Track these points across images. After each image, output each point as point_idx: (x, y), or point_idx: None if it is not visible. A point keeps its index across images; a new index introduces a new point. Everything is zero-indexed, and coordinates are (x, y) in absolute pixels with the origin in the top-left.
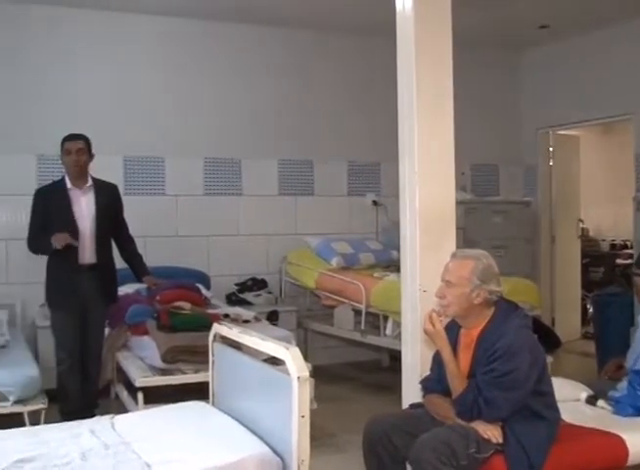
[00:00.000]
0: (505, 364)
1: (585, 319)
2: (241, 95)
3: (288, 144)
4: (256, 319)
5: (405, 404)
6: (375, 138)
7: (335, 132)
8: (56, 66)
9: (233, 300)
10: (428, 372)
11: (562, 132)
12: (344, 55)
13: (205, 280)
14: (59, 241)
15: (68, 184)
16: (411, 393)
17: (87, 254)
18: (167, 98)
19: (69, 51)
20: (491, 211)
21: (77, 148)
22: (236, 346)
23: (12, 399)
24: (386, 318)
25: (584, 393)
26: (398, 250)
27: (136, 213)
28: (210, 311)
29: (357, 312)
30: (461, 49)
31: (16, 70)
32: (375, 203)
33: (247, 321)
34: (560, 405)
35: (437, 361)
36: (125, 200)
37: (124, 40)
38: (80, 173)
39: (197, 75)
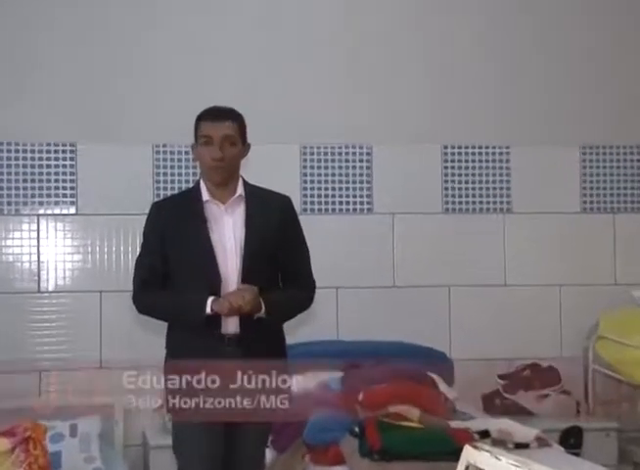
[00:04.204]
0: None
1: None
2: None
3: (594, 121)
4: (541, 442)
5: None
6: None
7: None
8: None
9: (496, 404)
10: None
11: None
12: None
13: (443, 366)
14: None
15: (205, 195)
16: None
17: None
18: (365, 54)
19: None
20: None
21: (223, 134)
22: None
23: None
24: None
25: None
26: None
27: (320, 246)
28: (455, 425)
29: None
30: None
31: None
32: None
33: (523, 446)
34: None
35: None
36: (303, 221)
37: None
38: (226, 177)
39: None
